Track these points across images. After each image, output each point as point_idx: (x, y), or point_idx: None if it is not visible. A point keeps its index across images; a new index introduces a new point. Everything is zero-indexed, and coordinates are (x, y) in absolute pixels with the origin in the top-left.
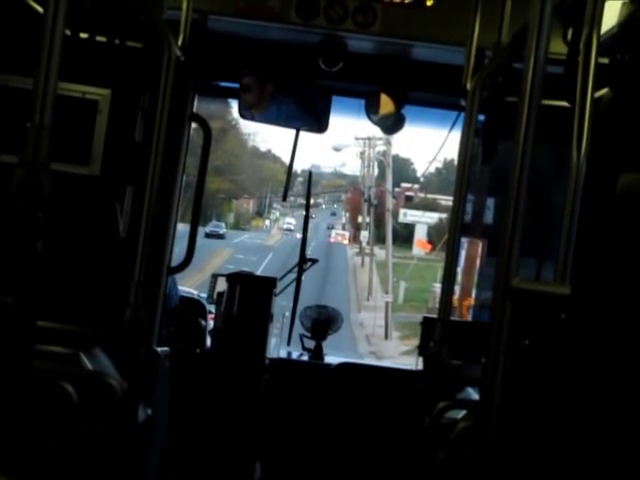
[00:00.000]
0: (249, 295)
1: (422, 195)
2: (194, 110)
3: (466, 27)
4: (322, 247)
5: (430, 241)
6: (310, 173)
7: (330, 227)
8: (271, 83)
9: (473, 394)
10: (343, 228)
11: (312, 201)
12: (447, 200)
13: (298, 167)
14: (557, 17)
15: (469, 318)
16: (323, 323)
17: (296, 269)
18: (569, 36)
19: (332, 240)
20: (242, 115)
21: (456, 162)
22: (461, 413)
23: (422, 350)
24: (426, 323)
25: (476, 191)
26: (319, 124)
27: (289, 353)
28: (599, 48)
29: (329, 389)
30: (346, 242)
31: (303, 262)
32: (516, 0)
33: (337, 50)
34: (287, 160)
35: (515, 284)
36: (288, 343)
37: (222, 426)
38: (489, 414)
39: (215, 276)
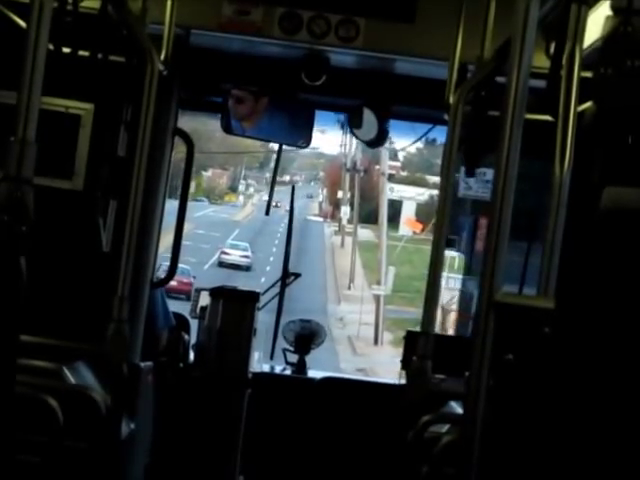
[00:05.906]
0: (232, 309)
1: (405, 174)
2: (177, 124)
3: (449, 41)
4: (297, 224)
5: (419, 220)
6: (293, 187)
7: (309, 196)
8: (265, 96)
9: (457, 408)
10: (320, 207)
11: (288, 178)
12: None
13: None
14: (540, 31)
15: None
16: (306, 337)
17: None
18: (552, 50)
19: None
20: (230, 130)
21: (438, 143)
22: (445, 427)
23: (405, 364)
24: (409, 337)
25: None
26: (302, 138)
27: (272, 367)
28: (582, 62)
29: (312, 403)
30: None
31: (286, 276)
32: (499, 14)
33: (320, 64)
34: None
35: (499, 298)
36: (271, 357)
37: (205, 440)
38: (473, 428)
39: (198, 290)
